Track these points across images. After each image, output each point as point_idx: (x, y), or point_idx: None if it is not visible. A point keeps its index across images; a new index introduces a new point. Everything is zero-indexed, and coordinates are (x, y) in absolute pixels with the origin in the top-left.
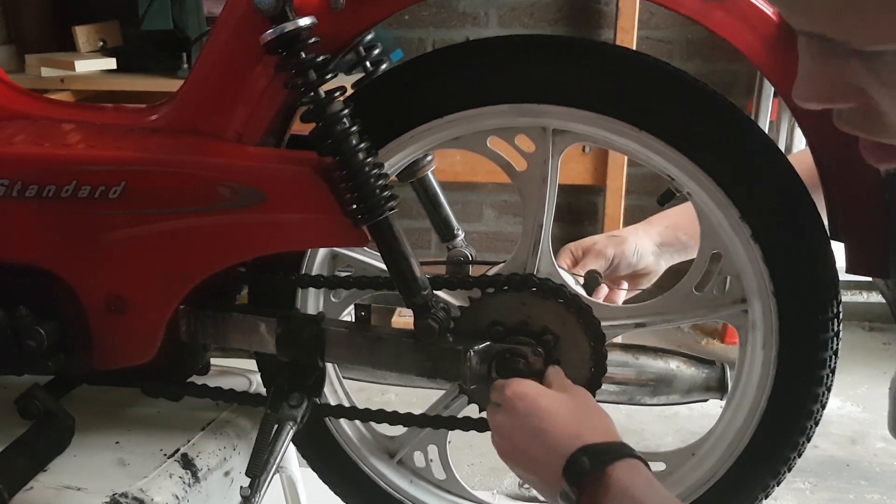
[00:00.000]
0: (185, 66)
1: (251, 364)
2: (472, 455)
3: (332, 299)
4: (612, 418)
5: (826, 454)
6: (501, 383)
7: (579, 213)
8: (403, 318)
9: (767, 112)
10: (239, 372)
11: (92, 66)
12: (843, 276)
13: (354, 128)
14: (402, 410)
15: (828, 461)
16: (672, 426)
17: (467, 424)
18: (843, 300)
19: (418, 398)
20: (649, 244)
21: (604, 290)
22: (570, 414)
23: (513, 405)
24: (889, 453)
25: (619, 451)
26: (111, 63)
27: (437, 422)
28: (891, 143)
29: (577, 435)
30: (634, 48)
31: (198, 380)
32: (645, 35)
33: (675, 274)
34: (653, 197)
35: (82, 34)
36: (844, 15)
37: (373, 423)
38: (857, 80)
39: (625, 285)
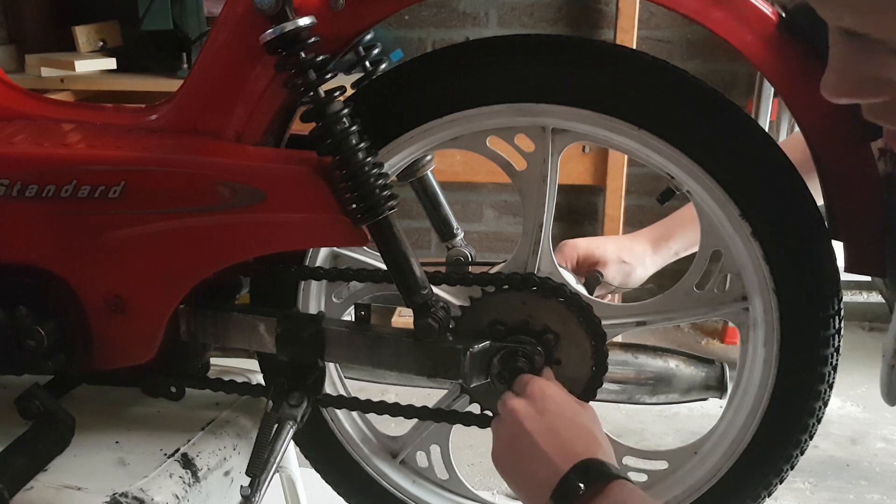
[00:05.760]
0: (185, 66)
1: (251, 364)
2: (473, 455)
3: (334, 300)
4: (612, 418)
5: (826, 454)
6: (529, 379)
7: (579, 213)
8: (403, 319)
9: (767, 112)
10: (238, 371)
11: (92, 66)
12: (843, 276)
13: (354, 127)
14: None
15: (828, 461)
16: (672, 426)
17: (468, 419)
18: (843, 300)
19: (418, 397)
20: (651, 270)
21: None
22: (581, 424)
23: (543, 402)
24: (889, 453)
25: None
26: (111, 63)
27: (439, 415)
28: None
29: (575, 453)
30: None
31: None
32: (645, 35)
33: (675, 273)
34: (653, 197)
35: (82, 34)
36: (884, 12)
37: (375, 424)
38: (890, 74)
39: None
